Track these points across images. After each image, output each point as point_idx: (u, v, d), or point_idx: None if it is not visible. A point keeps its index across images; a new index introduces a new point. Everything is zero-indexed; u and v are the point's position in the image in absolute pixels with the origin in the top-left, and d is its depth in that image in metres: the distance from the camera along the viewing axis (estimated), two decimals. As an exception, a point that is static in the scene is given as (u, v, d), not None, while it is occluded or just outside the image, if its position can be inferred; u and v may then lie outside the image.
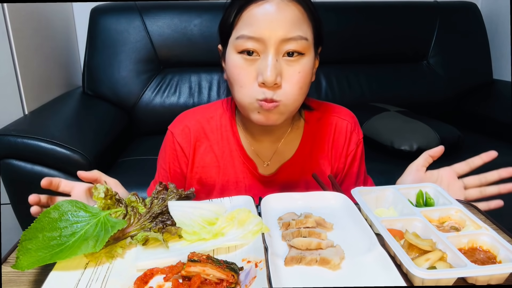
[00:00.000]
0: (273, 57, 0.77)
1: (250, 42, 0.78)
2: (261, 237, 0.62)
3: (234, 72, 0.81)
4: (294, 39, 0.77)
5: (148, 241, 0.63)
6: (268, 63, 0.77)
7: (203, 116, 0.97)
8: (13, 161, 1.42)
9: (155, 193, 0.70)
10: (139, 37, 2.02)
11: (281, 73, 0.79)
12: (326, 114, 0.99)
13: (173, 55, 2.08)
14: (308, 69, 0.81)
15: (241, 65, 0.80)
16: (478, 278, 0.55)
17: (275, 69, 0.77)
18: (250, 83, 0.80)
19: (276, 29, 0.76)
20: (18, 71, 1.61)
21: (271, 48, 0.77)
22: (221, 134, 0.96)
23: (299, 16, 0.79)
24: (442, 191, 0.74)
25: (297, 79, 0.80)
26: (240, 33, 0.79)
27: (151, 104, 2.04)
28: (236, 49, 0.80)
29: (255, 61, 0.79)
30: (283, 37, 0.77)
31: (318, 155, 0.98)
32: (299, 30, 0.78)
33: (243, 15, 0.79)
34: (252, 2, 0.78)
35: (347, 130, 0.98)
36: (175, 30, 2.05)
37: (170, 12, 2.05)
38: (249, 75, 0.80)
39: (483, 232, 0.62)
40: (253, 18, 0.78)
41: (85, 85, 2.03)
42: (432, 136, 1.75)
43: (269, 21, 0.77)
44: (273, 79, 0.76)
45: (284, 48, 0.78)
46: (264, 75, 0.77)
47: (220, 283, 0.54)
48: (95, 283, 0.56)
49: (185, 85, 2.08)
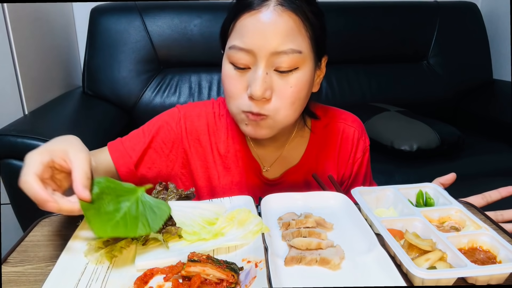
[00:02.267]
0: (263, 70, 0.75)
1: (240, 54, 0.76)
2: (261, 237, 0.62)
3: (225, 82, 0.81)
4: (286, 52, 0.74)
5: (148, 241, 0.63)
6: (256, 77, 0.75)
7: (214, 111, 0.95)
8: (13, 161, 1.42)
9: (155, 193, 0.70)
10: (139, 37, 2.02)
11: (272, 86, 0.76)
12: (333, 121, 0.97)
13: (173, 55, 2.07)
14: (303, 82, 0.78)
15: (232, 75, 0.79)
16: (478, 278, 0.55)
17: (264, 83, 0.75)
18: (240, 94, 0.78)
19: (267, 41, 0.73)
20: (18, 71, 1.61)
21: (262, 61, 0.75)
22: (227, 132, 0.94)
23: (293, 27, 0.75)
24: (442, 191, 0.74)
25: (289, 94, 0.77)
26: (232, 43, 0.77)
27: (151, 104, 2.04)
28: (228, 59, 0.79)
29: (246, 72, 0.77)
30: (274, 50, 0.74)
31: (324, 161, 0.96)
32: (291, 43, 0.74)
33: (237, 24, 0.77)
34: (246, 10, 0.75)
35: (354, 137, 0.96)
36: (175, 30, 2.04)
37: (170, 12, 2.05)
38: (239, 85, 0.78)
39: (483, 232, 0.62)
40: (244, 28, 0.75)
41: (85, 85, 2.03)
42: (432, 136, 1.75)
43: (261, 32, 0.74)
44: (260, 93, 0.74)
45: (275, 61, 0.75)
46: (252, 88, 0.75)
47: (220, 283, 0.54)
48: (95, 283, 0.56)
49: (185, 85, 2.08)
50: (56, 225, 0.73)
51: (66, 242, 0.62)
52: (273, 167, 0.95)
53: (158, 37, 2.03)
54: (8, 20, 1.55)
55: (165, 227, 0.63)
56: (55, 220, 0.75)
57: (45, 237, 0.69)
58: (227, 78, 0.80)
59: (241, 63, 0.77)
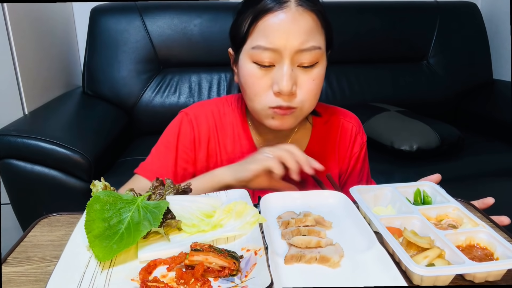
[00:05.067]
0: (289, 67, 0.80)
1: (266, 53, 0.80)
2: (258, 227, 0.64)
3: (248, 81, 0.84)
4: (309, 49, 0.80)
5: (150, 234, 0.64)
6: (283, 73, 0.79)
7: (219, 110, 0.98)
8: (13, 161, 1.42)
9: (152, 188, 0.70)
10: (139, 37, 2.02)
11: (296, 81, 0.81)
12: (333, 117, 1.00)
13: (173, 55, 2.08)
14: (322, 75, 0.84)
15: (256, 75, 0.82)
16: (476, 275, 0.56)
17: (291, 78, 0.79)
18: (265, 92, 0.82)
19: (291, 40, 0.78)
20: (18, 71, 1.62)
21: (287, 58, 0.79)
22: (233, 130, 0.97)
23: (312, 26, 0.80)
24: (439, 189, 0.75)
25: (312, 86, 0.83)
26: (256, 43, 0.80)
27: (151, 104, 2.04)
28: (251, 58, 0.82)
29: (270, 70, 0.81)
30: (298, 48, 0.79)
31: (326, 156, 0.98)
32: (313, 40, 0.80)
33: (259, 24, 0.80)
34: (268, 11, 0.79)
35: (352, 132, 1.00)
36: (175, 30, 2.05)
37: (170, 12, 2.05)
38: (264, 83, 0.82)
39: (480, 229, 0.62)
40: (268, 28, 0.79)
41: (85, 85, 2.03)
42: (432, 136, 1.75)
43: (285, 32, 0.78)
44: (289, 89, 0.79)
45: (299, 58, 0.80)
46: (280, 85, 0.79)
47: (222, 271, 0.56)
48: (100, 275, 0.57)
49: (185, 85, 2.08)
50: (56, 225, 0.73)
51: (65, 242, 0.63)
52: None
53: (158, 37, 2.04)
54: (8, 20, 1.55)
55: (165, 221, 0.65)
56: (55, 220, 0.75)
57: (45, 237, 0.69)
58: (251, 77, 0.83)
59: (267, 62, 0.81)
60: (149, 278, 0.55)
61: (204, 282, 0.54)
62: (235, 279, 0.56)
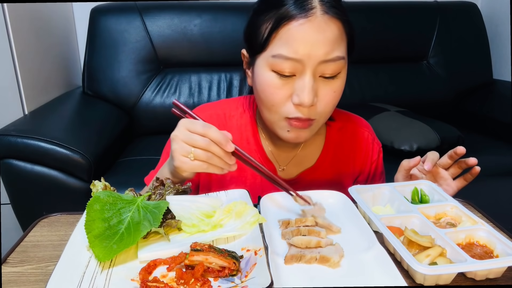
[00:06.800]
0: (311, 78, 0.75)
1: (287, 63, 0.74)
2: (258, 227, 0.64)
3: (266, 90, 0.78)
4: (333, 60, 0.75)
5: (150, 234, 0.64)
6: (305, 85, 0.74)
7: (224, 112, 0.95)
8: (13, 161, 1.42)
9: (152, 188, 0.70)
10: (139, 37, 2.02)
11: (317, 93, 0.76)
12: (346, 124, 0.98)
13: (173, 55, 2.08)
14: (342, 86, 0.80)
15: (275, 84, 0.77)
16: (478, 272, 0.56)
17: (312, 90, 0.75)
18: (283, 102, 0.77)
19: (316, 50, 0.73)
20: (18, 71, 1.62)
21: (309, 69, 0.74)
22: (241, 133, 0.94)
23: (337, 35, 0.75)
24: (437, 188, 0.75)
25: (332, 98, 0.78)
26: (277, 52, 0.75)
27: (151, 104, 2.04)
28: (270, 67, 0.76)
29: (290, 80, 0.76)
30: (323, 59, 0.74)
31: (340, 163, 0.97)
32: (337, 50, 0.75)
33: (281, 32, 0.74)
34: (291, 18, 0.73)
35: (369, 140, 0.99)
36: (175, 30, 2.05)
37: (170, 12, 2.05)
38: (283, 94, 0.77)
39: (479, 227, 0.62)
40: (292, 37, 0.74)
41: (85, 85, 2.03)
42: (432, 136, 1.75)
43: (309, 42, 0.73)
44: (310, 101, 0.74)
45: (321, 69, 0.75)
46: (301, 97, 0.74)
47: (222, 271, 0.56)
48: (99, 275, 0.57)
49: (185, 85, 2.08)
50: (56, 225, 0.73)
51: (65, 242, 0.63)
52: (289, 167, 0.95)
53: (158, 37, 2.04)
54: (8, 20, 1.55)
55: (165, 221, 0.65)
56: (55, 220, 0.75)
57: (45, 237, 0.69)
58: (269, 87, 0.77)
59: (287, 72, 0.75)
60: (149, 278, 0.55)
61: (204, 282, 0.54)
62: (235, 279, 0.56)
